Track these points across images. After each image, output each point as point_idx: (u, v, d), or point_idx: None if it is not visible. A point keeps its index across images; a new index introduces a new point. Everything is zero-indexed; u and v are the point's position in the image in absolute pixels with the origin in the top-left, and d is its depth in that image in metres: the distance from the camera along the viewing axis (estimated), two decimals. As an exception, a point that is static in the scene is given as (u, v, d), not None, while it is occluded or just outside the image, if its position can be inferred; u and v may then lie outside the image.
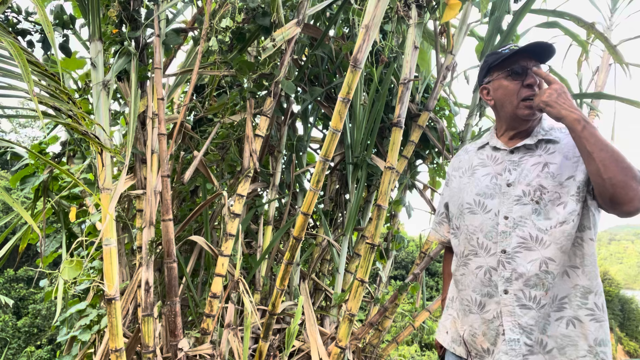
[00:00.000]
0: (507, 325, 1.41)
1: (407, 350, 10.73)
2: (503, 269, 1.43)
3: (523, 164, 1.48)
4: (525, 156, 1.50)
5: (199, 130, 3.43)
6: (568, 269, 1.38)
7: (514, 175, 1.48)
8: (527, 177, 1.45)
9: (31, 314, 13.67)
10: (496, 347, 1.43)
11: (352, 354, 3.11)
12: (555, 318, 1.37)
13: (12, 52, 1.18)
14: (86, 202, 3.39)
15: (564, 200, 1.39)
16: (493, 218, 1.48)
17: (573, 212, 1.37)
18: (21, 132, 19.33)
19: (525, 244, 1.41)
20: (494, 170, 1.54)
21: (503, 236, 1.44)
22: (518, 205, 1.44)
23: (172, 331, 2.69)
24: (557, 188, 1.40)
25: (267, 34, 2.87)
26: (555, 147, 1.47)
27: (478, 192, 1.54)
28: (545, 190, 1.41)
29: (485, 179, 1.55)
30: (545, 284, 1.37)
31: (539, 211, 1.41)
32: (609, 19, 4.02)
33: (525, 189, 1.44)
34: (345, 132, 3.44)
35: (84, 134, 1.51)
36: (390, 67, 3.27)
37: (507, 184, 1.48)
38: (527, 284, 1.39)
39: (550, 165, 1.44)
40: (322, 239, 3.69)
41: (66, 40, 2.87)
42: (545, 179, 1.42)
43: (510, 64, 1.51)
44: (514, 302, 1.40)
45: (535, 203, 1.41)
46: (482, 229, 1.50)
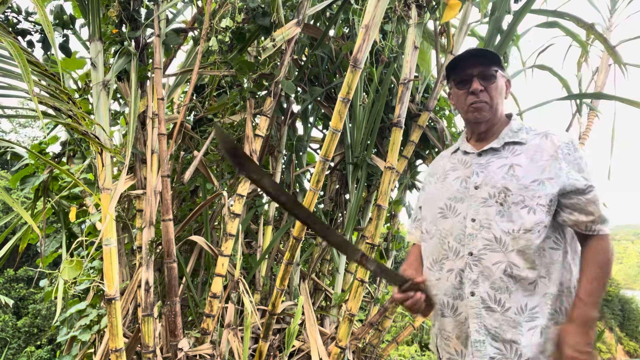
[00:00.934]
0: (473, 326, 1.43)
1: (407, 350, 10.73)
2: (470, 271, 1.44)
3: (490, 166, 1.50)
4: (492, 158, 1.51)
5: (199, 130, 3.43)
6: (538, 279, 1.39)
7: (480, 178, 1.49)
8: (492, 179, 1.46)
9: (31, 314, 13.67)
10: (467, 350, 1.46)
11: (352, 354, 3.11)
12: (528, 328, 1.37)
13: (12, 52, 1.18)
14: (86, 202, 3.39)
15: (528, 204, 1.39)
16: (462, 221, 1.49)
17: (540, 223, 1.38)
18: (21, 132, 19.33)
19: (490, 245, 1.42)
20: (463, 174, 1.56)
21: (470, 238, 1.46)
22: (484, 207, 1.45)
23: (172, 331, 2.69)
24: (521, 191, 1.40)
25: (267, 34, 2.87)
26: (521, 148, 1.49)
27: (449, 196, 1.56)
28: (510, 193, 1.41)
29: (456, 183, 1.56)
30: (510, 287, 1.38)
31: (503, 213, 1.41)
32: (609, 20, 4.02)
33: (491, 191, 1.45)
34: (345, 132, 3.44)
35: (84, 134, 1.51)
36: (390, 67, 3.27)
37: (474, 186, 1.49)
38: (492, 287, 1.40)
39: (515, 167, 1.45)
40: (322, 239, 3.69)
41: (66, 40, 2.87)
42: (510, 181, 1.43)
43: (457, 73, 1.58)
44: (480, 304, 1.42)
45: (500, 205, 1.42)
46: (452, 232, 1.51)
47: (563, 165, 1.41)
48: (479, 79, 1.54)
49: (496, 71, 1.54)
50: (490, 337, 1.40)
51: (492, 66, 1.54)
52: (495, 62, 1.55)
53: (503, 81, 1.58)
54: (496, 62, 1.55)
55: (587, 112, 4.08)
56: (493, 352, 1.39)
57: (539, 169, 1.41)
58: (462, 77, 1.56)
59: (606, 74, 4.10)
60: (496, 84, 1.54)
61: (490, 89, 1.54)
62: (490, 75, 1.54)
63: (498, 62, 1.56)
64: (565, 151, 1.43)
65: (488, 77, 1.54)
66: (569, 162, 1.42)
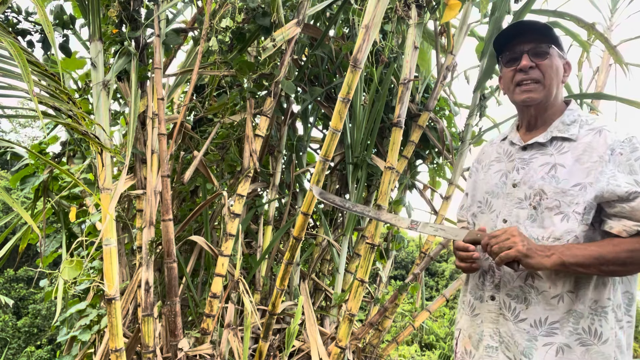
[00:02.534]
0: (488, 331, 1.37)
1: (407, 350, 10.74)
2: (492, 274, 1.38)
3: (532, 163, 1.36)
4: (536, 154, 1.37)
5: (199, 130, 3.43)
6: (564, 294, 1.27)
7: (520, 175, 1.37)
8: (531, 179, 1.34)
9: (31, 314, 13.67)
10: (477, 352, 1.41)
11: (352, 354, 3.11)
12: (544, 343, 1.27)
13: (12, 52, 1.18)
14: (86, 202, 3.39)
15: (564, 210, 1.27)
16: (494, 219, 1.41)
17: (570, 232, 1.26)
18: (21, 132, 19.32)
19: None
20: (505, 168, 1.44)
21: None
22: (517, 209, 1.35)
23: (172, 331, 2.69)
24: (558, 195, 1.28)
25: (267, 34, 2.87)
26: (569, 146, 1.32)
27: (487, 190, 1.46)
28: (545, 196, 1.29)
29: (496, 176, 1.46)
30: (529, 298, 1.30)
31: (535, 217, 1.31)
32: (609, 20, 4.02)
33: (527, 191, 1.33)
34: (345, 132, 3.44)
35: (84, 134, 1.51)
36: (390, 67, 3.27)
37: (512, 184, 1.38)
38: (509, 295, 1.33)
39: (558, 168, 1.31)
40: (322, 239, 3.69)
41: (66, 40, 2.87)
42: (548, 183, 1.30)
43: (506, 50, 1.43)
44: (498, 310, 1.36)
45: (533, 208, 1.32)
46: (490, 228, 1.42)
47: (609, 168, 1.24)
48: (529, 55, 1.37)
49: (550, 47, 1.37)
50: (503, 345, 1.33)
51: (546, 42, 1.37)
52: (551, 37, 1.38)
53: (561, 62, 1.40)
54: (552, 38, 1.38)
55: (588, 111, 4.08)
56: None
57: (584, 172, 1.27)
58: (511, 54, 1.40)
59: (607, 74, 4.09)
60: (551, 62, 1.37)
61: (544, 66, 1.36)
62: (543, 52, 1.37)
63: (554, 39, 1.39)
64: (618, 150, 1.25)
65: (541, 54, 1.37)
66: (619, 163, 1.24)
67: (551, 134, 1.36)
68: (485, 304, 1.40)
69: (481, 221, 1.47)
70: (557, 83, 1.40)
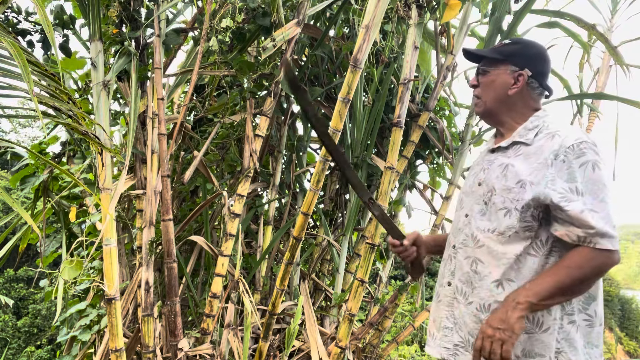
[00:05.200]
0: (444, 314, 1.49)
1: (407, 350, 10.73)
2: (449, 262, 1.52)
3: (494, 164, 1.46)
4: (498, 156, 1.47)
5: (199, 130, 3.43)
6: (503, 281, 1.34)
7: (484, 175, 1.47)
8: (489, 178, 1.44)
9: (31, 314, 13.66)
10: (438, 334, 1.52)
11: (352, 354, 3.11)
12: (475, 322, 1.39)
13: (12, 52, 1.18)
14: (86, 202, 3.39)
15: (507, 206, 1.34)
16: (459, 214, 1.54)
17: (511, 227, 1.33)
18: (21, 132, 19.32)
19: (465, 241, 1.45)
20: (477, 169, 1.56)
21: (457, 232, 1.50)
22: (476, 205, 1.46)
23: (172, 331, 2.69)
24: (504, 192, 1.36)
25: (267, 34, 2.87)
26: (525, 149, 1.40)
27: (464, 190, 1.58)
28: (494, 192, 1.39)
29: (470, 178, 1.58)
30: (474, 283, 1.40)
31: (484, 211, 1.41)
32: (610, 21, 4.02)
33: (485, 189, 1.44)
34: (345, 132, 3.44)
35: (84, 134, 1.51)
36: (391, 67, 3.27)
37: (478, 183, 1.49)
38: (461, 279, 1.45)
39: (509, 167, 1.39)
40: (322, 239, 3.69)
41: (66, 40, 2.87)
42: (498, 181, 1.39)
43: None
44: (452, 294, 1.47)
45: (484, 204, 1.42)
46: (455, 224, 1.56)
47: (549, 172, 1.29)
48: (477, 75, 1.55)
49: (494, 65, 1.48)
50: (457, 326, 1.44)
51: (487, 60, 1.51)
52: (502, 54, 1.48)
53: (511, 75, 1.46)
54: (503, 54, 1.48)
55: (588, 112, 4.08)
56: (457, 340, 1.44)
57: (528, 171, 1.34)
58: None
59: (607, 75, 4.09)
60: (487, 79, 1.49)
61: (482, 84, 1.51)
62: (483, 70, 1.52)
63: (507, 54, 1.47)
64: (562, 157, 1.29)
65: (481, 72, 1.53)
66: (560, 169, 1.29)
67: (513, 139, 1.44)
68: (443, 289, 1.52)
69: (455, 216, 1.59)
70: (499, 96, 1.48)
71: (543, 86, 1.47)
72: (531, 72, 1.44)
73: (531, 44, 1.50)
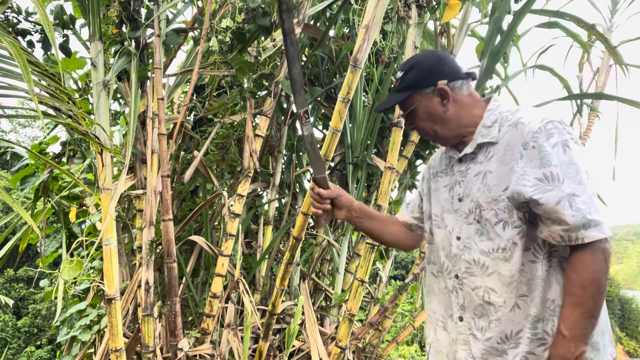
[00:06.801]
0: (462, 353, 1.34)
1: (407, 350, 10.72)
2: (456, 295, 1.36)
3: (468, 174, 1.33)
4: (470, 164, 1.34)
5: (199, 130, 3.43)
6: (518, 300, 1.23)
7: (462, 189, 1.34)
8: (471, 191, 1.31)
9: (31, 314, 13.66)
10: None
11: (352, 354, 3.11)
12: (513, 356, 1.24)
13: (12, 52, 1.18)
14: (86, 202, 3.39)
15: (502, 217, 1.23)
16: (449, 236, 1.38)
17: (510, 239, 1.23)
18: (21, 132, 19.33)
19: (470, 269, 1.31)
20: (450, 181, 1.42)
21: (455, 259, 1.35)
22: (466, 225, 1.32)
23: (172, 331, 2.69)
24: (492, 205, 1.24)
25: (267, 34, 2.87)
26: (494, 149, 1.28)
27: (441, 206, 1.43)
28: (482, 208, 1.26)
29: (445, 191, 1.43)
30: (489, 316, 1.27)
31: (482, 231, 1.28)
32: (609, 21, 4.02)
33: (470, 205, 1.30)
34: (345, 132, 3.44)
35: (84, 134, 1.51)
36: (391, 67, 3.27)
37: (458, 198, 1.35)
38: (475, 313, 1.30)
39: (488, 175, 1.27)
40: (322, 239, 3.69)
41: (66, 40, 2.87)
42: (482, 193, 1.27)
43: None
44: (467, 330, 1.33)
45: (477, 222, 1.29)
46: (444, 246, 1.41)
47: (519, 166, 1.20)
48: (407, 121, 1.43)
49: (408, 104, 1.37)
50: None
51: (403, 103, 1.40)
52: (404, 97, 1.37)
53: (428, 101, 1.35)
54: (405, 96, 1.37)
55: (588, 112, 4.08)
56: None
57: (508, 173, 1.22)
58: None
59: (607, 75, 4.09)
60: (418, 115, 1.38)
61: (416, 123, 1.40)
62: (407, 115, 1.41)
63: (411, 85, 1.36)
64: (531, 143, 1.19)
65: (407, 117, 1.42)
66: (531, 158, 1.18)
67: (476, 141, 1.32)
68: (455, 326, 1.37)
69: (438, 236, 1.44)
70: (440, 119, 1.36)
71: (463, 77, 1.36)
72: (445, 79, 1.34)
73: (419, 58, 1.41)
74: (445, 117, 1.35)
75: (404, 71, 1.39)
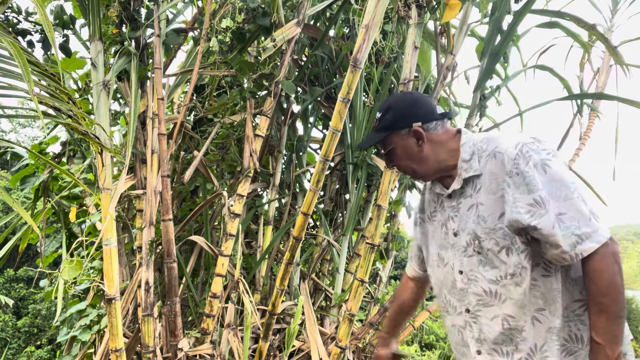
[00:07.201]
0: None
1: (407, 350, 10.74)
2: (471, 329, 1.36)
3: (461, 208, 1.36)
4: (460, 199, 1.37)
5: (199, 130, 3.43)
6: (536, 314, 1.26)
7: (456, 223, 1.37)
8: (466, 224, 1.34)
9: (31, 314, 13.67)
10: None
11: (352, 354, 3.10)
12: None
13: (12, 52, 1.18)
14: (86, 202, 3.39)
15: (503, 244, 1.26)
16: (450, 272, 1.40)
17: (518, 264, 1.25)
18: (21, 132, 19.35)
19: (483, 300, 1.32)
20: (442, 218, 1.44)
21: (462, 294, 1.36)
22: (466, 258, 1.34)
23: (172, 331, 2.69)
24: (490, 234, 1.27)
25: (267, 34, 2.87)
26: (480, 181, 1.31)
27: (438, 244, 1.46)
28: (481, 239, 1.29)
29: (440, 229, 1.46)
30: (514, 339, 1.28)
31: (484, 262, 1.30)
32: (610, 21, 4.02)
33: (467, 238, 1.33)
34: (345, 132, 3.44)
35: (84, 134, 1.51)
36: (391, 67, 3.27)
37: (453, 233, 1.38)
38: (496, 342, 1.31)
39: (479, 207, 1.30)
40: (322, 239, 3.69)
41: (66, 40, 2.87)
42: (478, 225, 1.29)
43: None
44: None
45: (478, 254, 1.31)
46: (446, 284, 1.43)
47: (509, 195, 1.23)
48: (387, 159, 1.49)
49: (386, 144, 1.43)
50: None
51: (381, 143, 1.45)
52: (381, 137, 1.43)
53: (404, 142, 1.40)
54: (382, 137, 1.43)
55: (588, 112, 4.08)
56: None
57: (499, 201, 1.26)
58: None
59: (607, 75, 4.09)
60: (397, 154, 1.43)
61: (395, 161, 1.46)
62: (385, 154, 1.46)
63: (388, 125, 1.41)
64: (514, 171, 1.23)
65: (386, 156, 1.47)
66: (518, 185, 1.22)
67: (460, 177, 1.36)
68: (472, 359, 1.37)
69: (439, 276, 1.46)
70: (417, 158, 1.41)
71: (438, 118, 1.41)
72: (419, 121, 1.38)
73: (396, 100, 1.46)
74: (421, 157, 1.41)
75: (381, 112, 1.44)
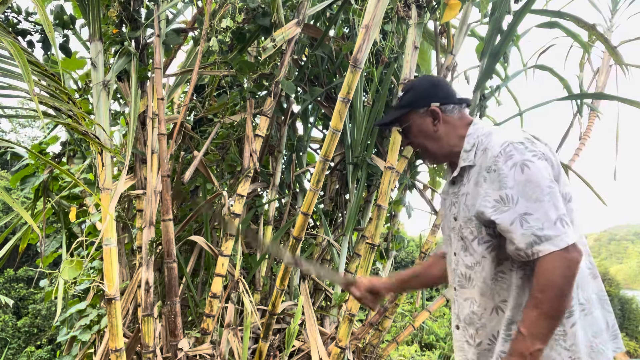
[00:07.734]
0: (458, 359, 1.46)
1: (407, 350, 10.73)
2: (454, 305, 1.49)
3: (459, 195, 1.43)
4: (459, 186, 1.44)
5: (199, 130, 3.43)
6: (500, 304, 1.33)
7: (456, 208, 1.44)
8: (459, 211, 1.42)
9: (31, 314, 13.66)
10: None
11: (352, 354, 3.11)
12: (490, 356, 1.36)
13: (12, 52, 1.18)
14: (86, 202, 3.39)
15: (475, 234, 1.35)
16: (450, 252, 1.50)
17: (481, 254, 1.34)
18: (21, 132, 19.32)
19: (461, 282, 1.43)
20: (449, 202, 1.52)
21: (452, 274, 1.48)
22: (458, 242, 1.43)
23: (172, 331, 2.69)
24: (467, 223, 1.36)
25: (267, 34, 2.87)
26: (472, 171, 1.38)
27: (447, 226, 1.53)
28: (461, 227, 1.39)
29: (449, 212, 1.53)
30: (474, 323, 1.38)
31: (465, 247, 1.39)
32: (610, 21, 4.02)
33: (458, 224, 1.42)
34: (345, 132, 3.44)
35: (84, 134, 1.51)
36: (391, 67, 3.27)
37: (454, 217, 1.45)
38: (466, 322, 1.42)
39: (467, 196, 1.38)
40: (322, 239, 3.69)
41: (66, 40, 2.87)
42: (462, 213, 1.38)
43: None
44: (462, 337, 1.44)
45: (461, 239, 1.40)
46: (449, 262, 1.52)
47: (483, 188, 1.30)
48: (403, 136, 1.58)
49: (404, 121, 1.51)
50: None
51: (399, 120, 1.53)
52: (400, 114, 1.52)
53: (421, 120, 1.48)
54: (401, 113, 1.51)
55: (588, 112, 4.08)
56: None
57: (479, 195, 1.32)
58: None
59: (607, 75, 4.10)
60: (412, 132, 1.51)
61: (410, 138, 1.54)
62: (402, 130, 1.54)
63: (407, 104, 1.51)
64: (493, 167, 1.28)
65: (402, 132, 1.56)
66: (492, 180, 1.28)
67: (460, 165, 1.43)
68: (455, 333, 1.49)
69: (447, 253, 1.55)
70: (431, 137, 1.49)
71: (456, 102, 1.48)
72: (438, 102, 1.46)
73: (419, 81, 1.58)
74: (435, 136, 1.49)
75: (403, 92, 1.55)
